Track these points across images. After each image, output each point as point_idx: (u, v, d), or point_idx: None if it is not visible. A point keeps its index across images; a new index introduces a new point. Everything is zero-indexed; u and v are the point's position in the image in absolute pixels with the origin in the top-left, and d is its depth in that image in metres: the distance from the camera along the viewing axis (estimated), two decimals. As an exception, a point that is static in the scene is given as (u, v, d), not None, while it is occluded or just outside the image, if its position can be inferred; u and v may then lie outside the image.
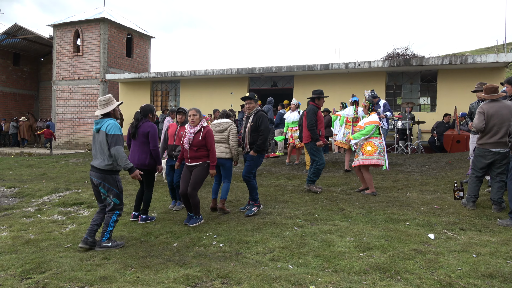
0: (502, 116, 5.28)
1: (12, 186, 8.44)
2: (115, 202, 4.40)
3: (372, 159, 6.48)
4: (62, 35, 19.39)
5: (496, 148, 5.35)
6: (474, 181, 5.56)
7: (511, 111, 5.30)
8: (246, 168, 5.75)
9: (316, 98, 6.94)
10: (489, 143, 5.40)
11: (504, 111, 5.31)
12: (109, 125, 4.32)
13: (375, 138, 6.54)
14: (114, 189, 4.38)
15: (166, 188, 7.75)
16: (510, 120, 5.23)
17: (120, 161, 4.28)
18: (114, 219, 4.41)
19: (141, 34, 20.60)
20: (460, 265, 3.55)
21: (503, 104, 5.36)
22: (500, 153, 5.32)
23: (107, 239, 4.36)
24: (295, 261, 3.78)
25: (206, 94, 16.13)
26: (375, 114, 6.72)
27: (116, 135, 4.28)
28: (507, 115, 5.27)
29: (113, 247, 4.34)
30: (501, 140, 5.31)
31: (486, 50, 28.84)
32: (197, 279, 3.36)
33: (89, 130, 18.90)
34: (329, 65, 13.21)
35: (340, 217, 5.32)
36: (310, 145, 6.86)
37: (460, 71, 12.26)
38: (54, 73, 19.64)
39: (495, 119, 5.32)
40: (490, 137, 5.39)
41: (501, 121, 5.29)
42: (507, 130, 5.25)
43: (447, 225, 4.78)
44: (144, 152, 5.36)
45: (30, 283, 3.38)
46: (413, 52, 19.93)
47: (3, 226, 5.46)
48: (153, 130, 5.39)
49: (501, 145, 5.32)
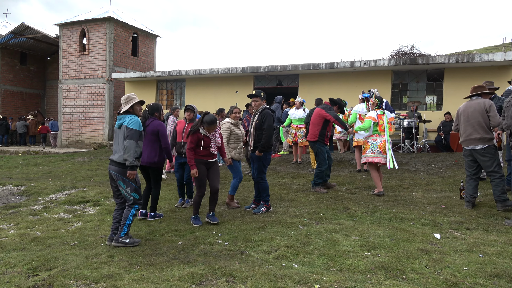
0: (468, 114, 5.35)
1: (19, 184, 8.51)
2: (134, 197, 4.46)
3: (365, 157, 6.51)
4: (68, 34, 19.51)
5: (468, 146, 5.37)
6: (467, 181, 5.56)
7: (477, 109, 5.28)
8: (256, 170, 5.72)
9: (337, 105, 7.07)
10: (462, 141, 5.47)
11: (469, 109, 5.36)
12: (130, 120, 4.42)
13: (370, 136, 6.51)
14: (132, 183, 4.43)
15: (172, 187, 7.78)
16: (477, 117, 5.25)
17: (128, 155, 4.30)
18: (133, 212, 4.46)
19: (147, 33, 20.67)
20: (466, 265, 3.52)
21: (472, 103, 5.40)
22: (474, 150, 5.32)
23: (125, 234, 4.39)
24: (300, 260, 3.78)
25: (211, 93, 16.15)
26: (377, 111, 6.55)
27: (133, 130, 4.36)
28: (473, 112, 5.30)
29: (130, 243, 4.36)
30: (470, 137, 5.31)
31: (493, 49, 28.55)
32: (202, 277, 3.37)
33: (95, 128, 19.01)
34: (335, 63, 13.16)
35: (345, 216, 5.30)
36: (316, 145, 6.80)
37: (467, 69, 12.16)
38: (61, 72, 19.77)
39: (463, 117, 5.42)
40: (461, 136, 5.48)
41: (467, 119, 5.35)
42: (474, 127, 5.26)
43: (453, 225, 4.75)
44: (153, 149, 5.41)
45: (37, 280, 3.41)
46: (419, 50, 19.81)
47: (10, 224, 5.51)
48: (162, 128, 5.46)
49: (473, 142, 5.30)
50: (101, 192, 7.35)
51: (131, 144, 4.31)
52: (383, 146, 6.40)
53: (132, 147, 4.30)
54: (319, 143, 6.80)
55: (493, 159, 5.23)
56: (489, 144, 5.26)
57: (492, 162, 5.23)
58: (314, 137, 6.85)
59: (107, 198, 6.99)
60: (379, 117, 6.44)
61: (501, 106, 6.53)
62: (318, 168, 6.76)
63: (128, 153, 4.30)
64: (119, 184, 4.45)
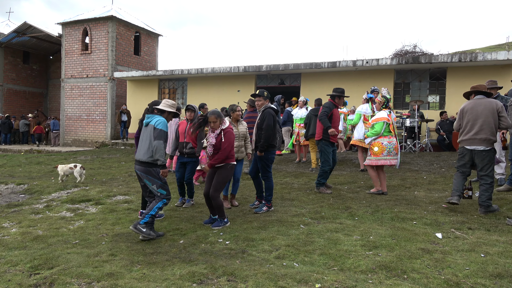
0: (476, 112, 5.13)
1: (21, 183, 8.54)
2: (161, 193, 4.60)
3: (379, 160, 6.29)
4: (70, 33, 19.55)
5: (471, 146, 5.18)
6: (458, 176, 5.39)
7: (488, 108, 5.09)
8: (261, 169, 5.70)
9: (336, 96, 6.74)
10: (464, 140, 5.26)
11: (479, 108, 5.14)
12: (158, 120, 4.56)
13: (383, 138, 6.31)
14: (157, 180, 4.56)
15: (172, 186, 7.78)
16: (488, 116, 5.05)
17: (158, 155, 4.47)
18: (159, 205, 4.58)
19: (149, 32, 20.68)
20: (468, 264, 3.51)
21: (482, 101, 5.19)
22: (476, 151, 5.14)
23: (144, 223, 4.45)
24: (301, 259, 3.77)
25: (213, 92, 16.16)
26: (386, 110, 6.46)
27: (161, 131, 4.50)
28: (483, 111, 5.09)
29: (146, 234, 4.43)
30: (476, 137, 5.11)
31: (497, 47, 28.42)
32: (203, 276, 3.37)
33: (97, 127, 19.05)
34: (337, 62, 13.14)
35: (347, 215, 5.29)
36: (321, 143, 6.71)
37: (469, 68, 12.11)
38: (63, 71, 19.82)
39: (469, 115, 5.19)
40: (465, 134, 5.25)
41: (475, 117, 5.14)
42: (481, 127, 5.07)
43: (455, 224, 4.73)
44: None
45: (38, 279, 3.42)
46: (422, 49, 19.74)
47: (13, 222, 5.53)
48: None
49: (476, 142, 5.12)
50: (103, 191, 7.37)
51: (160, 144, 4.46)
52: (397, 147, 6.32)
53: (161, 147, 4.46)
54: (322, 142, 6.69)
55: (491, 163, 5.13)
56: (492, 147, 5.14)
57: (489, 165, 5.11)
58: (318, 136, 6.78)
59: (108, 197, 7.00)
60: (389, 117, 6.33)
61: (504, 105, 6.51)
62: (321, 168, 6.69)
63: (158, 153, 4.47)
64: (146, 183, 4.61)
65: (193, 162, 6.18)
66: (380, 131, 6.28)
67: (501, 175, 6.59)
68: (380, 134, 6.31)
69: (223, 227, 4.95)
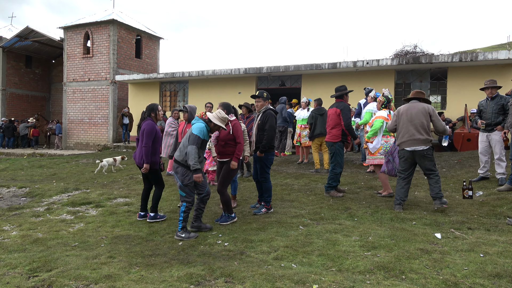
0: (411, 115, 5.34)
1: (23, 186, 8.57)
2: (181, 194, 4.72)
3: (375, 159, 6.30)
4: (72, 37, 19.65)
5: (410, 147, 5.34)
6: (399, 183, 5.51)
7: (421, 110, 5.31)
8: (259, 170, 5.70)
9: (344, 94, 6.57)
10: (403, 142, 5.42)
11: (413, 110, 5.36)
12: (196, 125, 4.70)
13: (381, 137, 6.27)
14: (179, 181, 4.69)
15: (173, 188, 7.80)
16: (421, 118, 5.27)
17: (190, 159, 4.56)
18: (183, 209, 4.69)
19: (150, 35, 20.76)
20: (466, 264, 3.49)
21: (415, 104, 5.42)
22: (416, 151, 5.30)
23: (181, 229, 4.65)
24: (299, 260, 3.77)
25: (214, 94, 16.18)
26: (385, 110, 6.40)
27: (196, 136, 4.60)
28: (417, 114, 5.31)
29: (185, 238, 4.57)
30: (413, 138, 5.30)
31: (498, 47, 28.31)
32: (200, 278, 3.37)
33: (99, 130, 19.12)
34: (337, 63, 13.14)
35: (346, 216, 5.28)
36: (336, 145, 6.48)
37: (470, 68, 12.08)
38: (65, 74, 19.92)
39: (405, 117, 5.40)
40: (401, 136, 5.44)
41: (410, 119, 5.34)
42: (417, 128, 5.27)
43: (454, 224, 4.71)
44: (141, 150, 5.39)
45: (37, 281, 3.43)
46: (422, 49, 19.69)
47: (13, 225, 5.55)
48: (148, 127, 5.34)
49: (416, 143, 5.30)
50: (104, 194, 7.39)
51: (192, 149, 4.55)
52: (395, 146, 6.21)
53: (193, 152, 4.54)
54: (338, 144, 6.45)
55: (431, 159, 5.33)
56: (430, 145, 5.32)
57: (430, 162, 5.31)
58: (334, 138, 6.49)
59: (109, 199, 7.02)
60: (389, 117, 6.29)
61: (503, 104, 6.49)
62: (333, 171, 6.45)
63: (190, 157, 4.56)
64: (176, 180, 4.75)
65: None
66: (378, 127, 6.22)
67: (502, 174, 6.56)
68: (380, 132, 6.24)
69: (232, 222, 5.14)
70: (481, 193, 6.23)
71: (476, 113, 7.02)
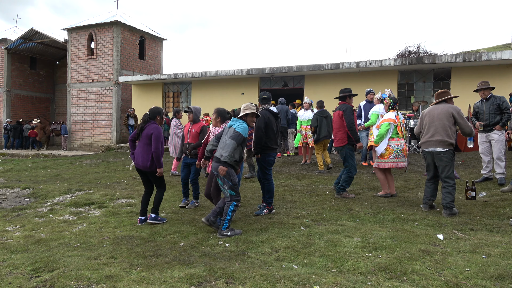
0: (433, 116, 5.27)
1: (27, 187, 8.63)
2: (231, 194, 4.71)
3: (387, 162, 6.16)
4: (76, 38, 19.76)
5: (428, 148, 5.28)
6: (426, 184, 5.50)
7: (444, 111, 5.22)
8: (259, 171, 5.72)
9: (347, 96, 6.50)
10: (422, 142, 5.38)
11: (436, 111, 5.29)
12: (239, 125, 4.79)
13: (390, 140, 6.15)
14: (228, 181, 4.69)
15: (176, 188, 7.82)
16: (442, 119, 5.17)
17: (225, 151, 4.64)
18: (232, 209, 4.71)
19: (153, 37, 20.83)
20: (468, 266, 3.47)
21: (440, 105, 5.35)
22: (434, 153, 5.23)
23: (226, 228, 4.68)
24: (300, 261, 3.76)
25: (217, 95, 16.21)
26: (393, 112, 6.31)
27: (240, 134, 4.70)
28: (439, 115, 5.23)
29: (232, 235, 4.64)
30: (432, 139, 5.23)
31: (503, 47, 28.16)
32: (201, 279, 3.37)
33: (103, 131, 19.20)
34: (340, 64, 13.11)
35: (348, 217, 5.27)
36: (345, 149, 6.34)
37: (474, 68, 12.02)
38: (69, 76, 20.02)
39: (427, 118, 5.34)
40: (422, 137, 5.39)
41: (431, 120, 5.28)
42: (436, 129, 5.19)
43: (457, 225, 4.69)
44: (146, 153, 5.29)
45: (38, 282, 3.45)
46: (425, 50, 19.62)
47: (16, 226, 5.59)
48: (157, 132, 5.31)
49: (433, 144, 5.22)
50: (107, 194, 7.42)
51: (231, 143, 4.64)
52: (405, 149, 6.20)
53: (232, 146, 4.62)
54: (347, 147, 6.34)
55: (450, 165, 5.18)
56: (449, 148, 5.20)
57: (449, 167, 5.17)
58: (343, 142, 6.36)
59: (112, 200, 7.04)
60: (397, 118, 6.22)
61: (498, 104, 6.51)
62: (348, 174, 6.33)
63: (226, 149, 4.64)
64: (217, 181, 4.77)
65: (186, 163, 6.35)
66: (384, 132, 6.15)
67: (501, 174, 6.55)
68: (386, 136, 6.17)
69: None
70: (484, 194, 6.20)
71: (472, 115, 7.02)
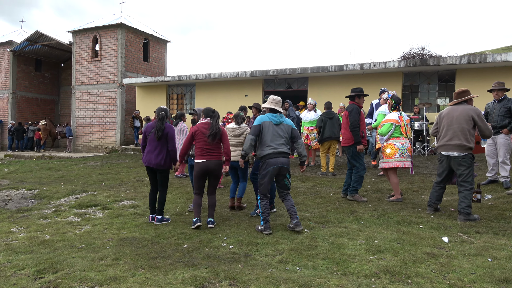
0: (451, 119, 5.07)
1: (31, 188, 8.67)
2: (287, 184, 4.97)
3: (393, 161, 6.08)
4: (81, 41, 19.87)
5: (446, 152, 5.10)
6: (434, 187, 5.38)
7: (463, 114, 5.01)
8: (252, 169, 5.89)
9: (356, 96, 6.39)
10: (439, 146, 5.20)
11: (455, 113, 5.07)
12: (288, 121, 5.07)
13: (395, 139, 6.11)
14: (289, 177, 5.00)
15: (180, 190, 7.82)
16: (461, 122, 4.97)
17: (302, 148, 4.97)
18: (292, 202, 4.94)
19: (158, 39, 20.91)
20: (474, 269, 3.44)
21: (459, 107, 5.12)
22: (452, 157, 5.06)
23: None
24: (304, 264, 3.75)
25: (221, 96, 16.23)
26: (396, 112, 6.26)
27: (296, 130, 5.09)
28: (458, 117, 5.02)
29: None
30: (450, 143, 5.03)
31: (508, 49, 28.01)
32: (204, 280, 3.37)
33: (107, 133, 19.26)
34: (344, 66, 13.09)
35: (352, 219, 5.25)
36: (351, 149, 6.28)
37: (479, 70, 11.95)
38: (74, 78, 20.13)
39: (445, 120, 5.14)
40: (440, 140, 5.20)
41: (450, 123, 5.07)
42: (455, 133, 4.99)
43: (462, 228, 4.65)
44: (162, 152, 5.51)
45: (43, 283, 3.45)
46: (430, 51, 19.55)
47: (21, 227, 5.61)
48: (172, 131, 5.61)
49: (451, 148, 5.04)
50: (111, 196, 7.43)
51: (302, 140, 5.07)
52: (410, 149, 6.12)
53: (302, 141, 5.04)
54: (354, 147, 6.25)
55: (469, 169, 4.99)
56: (468, 152, 5.01)
57: (467, 172, 4.98)
58: (349, 141, 6.29)
59: (116, 201, 7.06)
60: (401, 119, 6.16)
61: (509, 107, 6.43)
62: (357, 173, 6.26)
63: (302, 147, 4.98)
64: (286, 176, 4.88)
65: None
66: (386, 133, 6.12)
67: (506, 178, 6.49)
68: (388, 135, 6.14)
69: None
70: (490, 197, 6.15)
71: (484, 115, 6.94)
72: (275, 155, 4.79)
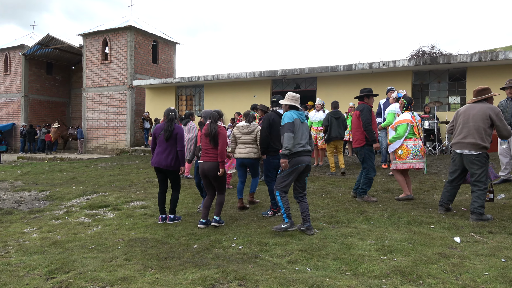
0: (468, 116, 4.95)
1: (43, 190, 8.79)
2: None
3: (405, 163, 6.01)
4: (91, 43, 20.10)
5: (459, 149, 4.98)
6: (445, 186, 5.28)
7: (480, 112, 4.87)
8: (264, 172, 5.88)
9: (365, 96, 6.33)
10: (454, 143, 5.09)
11: (472, 111, 4.95)
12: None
13: (408, 140, 6.02)
14: None
15: (190, 191, 7.86)
16: (477, 121, 4.84)
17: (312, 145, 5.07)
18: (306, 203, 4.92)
19: (166, 41, 21.06)
20: (487, 269, 3.39)
21: (477, 105, 4.99)
22: (465, 155, 4.94)
23: None
24: (313, 264, 3.73)
25: (230, 97, 16.27)
26: (408, 112, 6.18)
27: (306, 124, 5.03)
28: (474, 115, 4.90)
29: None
30: (464, 141, 4.92)
31: (520, 46, 27.52)
32: (214, 281, 3.37)
33: (118, 135, 19.45)
34: (353, 65, 13.02)
35: (362, 219, 5.21)
36: (364, 150, 6.17)
37: (491, 68, 11.77)
38: (84, 80, 20.37)
39: (462, 118, 5.02)
40: (455, 137, 5.09)
41: (466, 121, 4.95)
42: (470, 131, 4.87)
43: (474, 228, 4.59)
44: (172, 153, 5.57)
45: (55, 283, 3.50)
46: (440, 49, 19.32)
47: (33, 228, 5.69)
48: (181, 131, 5.66)
49: (464, 146, 4.92)
50: (121, 197, 7.50)
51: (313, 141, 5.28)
52: (423, 149, 6.03)
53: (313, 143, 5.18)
54: (366, 148, 6.16)
55: (482, 168, 4.88)
56: (482, 152, 4.89)
57: (481, 171, 4.87)
58: (361, 142, 6.20)
59: (126, 202, 7.12)
60: (413, 119, 6.06)
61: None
62: (367, 176, 6.17)
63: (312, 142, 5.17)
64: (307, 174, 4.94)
65: None
66: (403, 134, 6.01)
67: None
68: (404, 137, 6.04)
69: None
70: (503, 196, 6.05)
71: None
72: (305, 153, 4.78)
